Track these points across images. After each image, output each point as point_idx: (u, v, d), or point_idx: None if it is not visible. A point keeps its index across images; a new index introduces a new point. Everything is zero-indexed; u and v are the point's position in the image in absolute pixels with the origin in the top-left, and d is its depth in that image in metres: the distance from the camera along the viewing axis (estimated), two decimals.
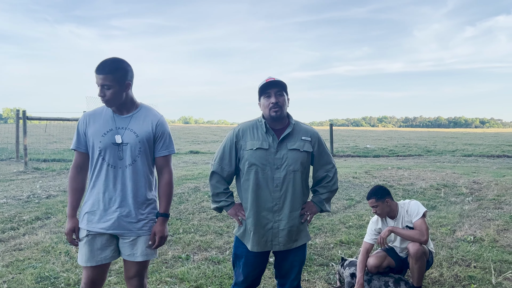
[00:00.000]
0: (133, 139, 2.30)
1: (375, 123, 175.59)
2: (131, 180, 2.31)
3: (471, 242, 4.78)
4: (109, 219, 2.30)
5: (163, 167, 2.43)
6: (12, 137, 14.00)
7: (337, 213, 6.22)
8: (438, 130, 46.04)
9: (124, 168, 2.30)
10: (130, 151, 2.30)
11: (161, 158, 2.42)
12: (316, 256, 4.39)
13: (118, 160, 2.30)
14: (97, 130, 2.31)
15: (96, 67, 2.24)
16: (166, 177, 2.43)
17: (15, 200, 6.96)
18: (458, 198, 7.27)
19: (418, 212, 3.47)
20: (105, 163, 2.30)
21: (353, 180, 8.77)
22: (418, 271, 3.43)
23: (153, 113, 2.42)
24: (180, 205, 6.55)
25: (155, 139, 2.38)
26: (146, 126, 2.35)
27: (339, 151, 16.88)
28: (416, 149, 17.88)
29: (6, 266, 4.03)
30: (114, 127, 2.31)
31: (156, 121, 2.38)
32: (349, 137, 26.53)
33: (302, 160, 2.51)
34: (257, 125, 2.58)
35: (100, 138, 2.29)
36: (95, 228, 2.31)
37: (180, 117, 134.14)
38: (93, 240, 2.32)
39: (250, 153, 2.49)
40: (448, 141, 22.75)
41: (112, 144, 2.29)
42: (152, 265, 4.11)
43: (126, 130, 2.31)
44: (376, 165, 11.84)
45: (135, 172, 2.32)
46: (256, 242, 2.51)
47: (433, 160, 13.94)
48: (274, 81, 2.48)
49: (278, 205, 2.49)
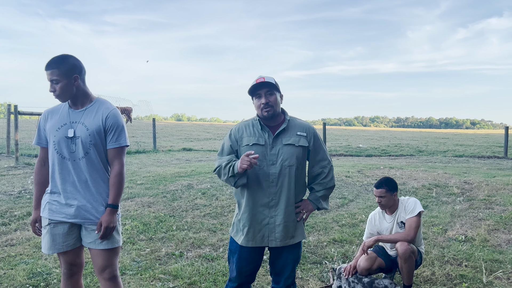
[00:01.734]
0: (84, 132, 2.39)
1: (368, 123, 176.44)
2: (85, 171, 2.41)
3: (463, 242, 4.84)
4: (69, 209, 2.40)
5: (114, 159, 2.48)
6: (3, 132, 13.85)
7: (330, 212, 6.25)
8: (429, 131, 46.36)
9: (77, 161, 2.40)
10: (82, 144, 2.39)
11: (112, 150, 2.47)
12: (310, 254, 4.41)
13: (70, 153, 2.40)
14: (53, 125, 2.44)
15: (46, 64, 2.35)
16: (116, 168, 2.47)
17: (6, 195, 6.89)
18: (449, 198, 7.34)
19: (413, 209, 3.50)
20: (60, 156, 2.41)
21: (345, 179, 8.81)
22: (407, 270, 3.47)
23: (105, 106, 2.48)
24: (173, 202, 6.53)
25: (105, 131, 2.44)
26: (96, 120, 2.43)
27: (332, 150, 16.93)
28: (408, 149, 18.00)
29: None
30: (68, 122, 2.42)
31: (107, 113, 2.44)
32: (342, 136, 26.63)
33: (298, 155, 2.52)
34: (253, 123, 2.61)
35: (54, 133, 2.41)
36: (57, 217, 2.42)
37: (172, 114, 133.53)
38: (55, 228, 2.43)
39: (246, 148, 2.51)
40: (439, 142, 22.92)
41: (65, 137, 2.39)
42: (146, 261, 4.10)
43: (79, 124, 2.42)
44: (369, 164, 11.90)
45: (88, 164, 2.41)
46: (252, 237, 2.53)
47: (424, 160, 14.05)
48: (263, 82, 2.49)
49: (274, 201, 2.50)
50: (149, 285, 3.58)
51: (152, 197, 6.81)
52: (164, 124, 33.85)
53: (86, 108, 2.44)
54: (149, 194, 7.05)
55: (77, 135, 2.38)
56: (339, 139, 23.45)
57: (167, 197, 6.82)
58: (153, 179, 8.33)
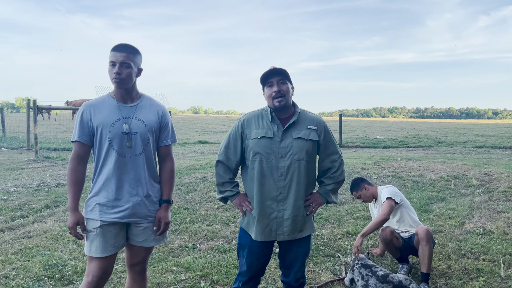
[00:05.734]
0: (142, 128, 2.34)
1: (386, 114, 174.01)
2: (143, 168, 2.35)
3: (481, 235, 4.72)
4: (123, 208, 2.31)
5: (167, 156, 2.49)
6: (24, 126, 14.15)
7: (345, 204, 6.18)
8: (449, 121, 45.40)
9: (134, 157, 2.33)
10: (140, 140, 2.33)
11: (165, 147, 2.48)
12: (323, 247, 4.37)
13: (127, 150, 2.31)
14: (104, 120, 2.30)
15: (116, 45, 2.29)
16: (170, 164, 2.50)
17: (25, 188, 7.04)
18: (468, 190, 7.18)
19: (383, 198, 3.78)
20: (116, 153, 2.30)
21: (361, 171, 8.69)
22: (428, 253, 3.47)
23: (156, 103, 2.48)
24: (187, 194, 6.56)
25: (160, 128, 2.43)
26: (152, 116, 2.40)
27: (348, 141, 16.76)
28: (427, 140, 17.68)
29: (15, 253, 4.09)
30: (121, 117, 2.32)
31: (161, 111, 2.45)
32: (359, 128, 26.33)
33: (308, 149, 2.47)
34: (262, 114, 2.55)
35: (109, 128, 2.29)
36: (109, 218, 2.31)
37: (190, 107, 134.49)
38: (106, 230, 2.31)
39: (255, 142, 2.47)
40: (459, 132, 22.44)
41: (121, 133, 2.30)
42: (159, 254, 4.13)
43: (133, 119, 2.34)
44: (386, 156, 11.73)
45: (146, 160, 2.37)
46: (260, 231, 2.50)
47: (443, 151, 13.78)
48: (276, 69, 2.44)
49: (282, 194, 2.47)
50: (162, 277, 3.61)
51: None
52: (181, 117, 34.08)
53: (138, 104, 2.38)
54: None
55: (134, 130, 2.31)
56: (355, 131, 23.20)
57: (181, 189, 6.86)
58: None
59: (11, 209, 5.66)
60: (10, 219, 5.23)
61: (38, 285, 3.42)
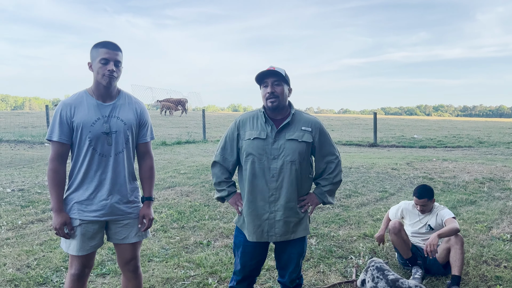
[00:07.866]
0: (122, 126, 2.35)
1: (431, 112, 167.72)
2: (123, 166, 2.37)
3: (507, 241, 4.48)
4: (102, 207, 2.33)
5: (146, 153, 2.51)
6: None
7: (367, 205, 6.06)
8: (499, 120, 43.05)
9: (114, 156, 2.34)
10: (120, 139, 2.35)
11: (144, 144, 2.49)
12: (336, 248, 4.32)
13: (108, 149, 2.32)
14: (83, 119, 2.28)
15: (106, 42, 2.28)
16: (149, 162, 2.52)
17: None
18: (503, 193, 6.82)
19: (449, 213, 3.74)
20: (96, 153, 2.31)
21: (391, 172, 8.47)
22: (462, 257, 3.45)
23: (134, 100, 2.49)
24: (210, 191, 6.66)
25: (139, 126, 2.45)
26: (131, 114, 2.41)
27: (383, 141, 16.32)
28: (467, 140, 16.90)
29: (40, 244, 4.33)
30: (100, 116, 2.31)
31: (140, 108, 2.46)
32: (397, 127, 25.54)
33: (301, 151, 2.46)
34: (257, 115, 2.56)
35: (89, 128, 2.28)
36: (88, 217, 2.32)
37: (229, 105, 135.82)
38: (85, 228, 2.33)
39: (248, 143, 2.49)
40: (505, 132, 21.26)
41: (101, 133, 2.30)
42: (173, 249, 4.24)
43: (113, 118, 2.34)
44: (420, 156, 11.35)
45: (126, 158, 2.39)
46: (252, 232, 2.52)
47: (483, 152, 13.13)
48: (271, 70, 2.44)
49: (274, 196, 2.47)
50: (172, 272, 3.70)
51: (191, 186, 7.00)
52: (218, 115, 34.48)
53: (116, 101, 2.38)
54: (190, 183, 7.24)
55: (113, 129, 2.31)
56: (393, 130, 22.56)
57: (205, 186, 6.97)
58: (196, 169, 8.54)
59: (43, 202, 5.98)
60: (41, 211, 5.54)
61: (56, 276, 3.61)
